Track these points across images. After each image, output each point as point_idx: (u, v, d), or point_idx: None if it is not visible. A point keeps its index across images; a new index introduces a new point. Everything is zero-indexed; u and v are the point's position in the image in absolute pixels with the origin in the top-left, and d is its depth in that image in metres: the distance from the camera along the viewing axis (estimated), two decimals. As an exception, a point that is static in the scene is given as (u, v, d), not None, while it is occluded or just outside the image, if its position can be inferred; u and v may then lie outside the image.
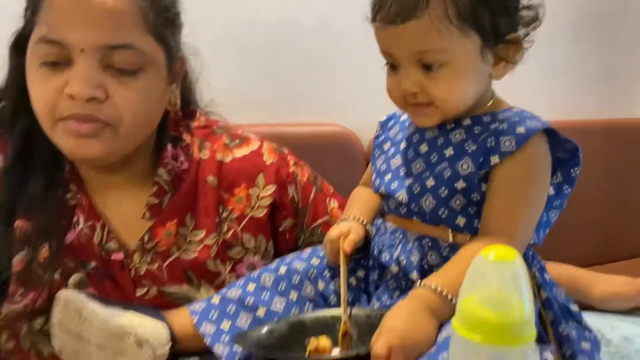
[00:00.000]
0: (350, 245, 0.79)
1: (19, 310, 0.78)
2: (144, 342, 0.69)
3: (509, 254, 0.44)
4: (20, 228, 0.80)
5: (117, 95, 0.78)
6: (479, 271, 0.44)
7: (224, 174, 0.92)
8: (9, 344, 0.80)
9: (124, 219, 0.86)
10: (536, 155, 0.73)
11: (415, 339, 0.63)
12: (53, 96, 0.77)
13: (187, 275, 0.87)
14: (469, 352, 0.44)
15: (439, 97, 0.74)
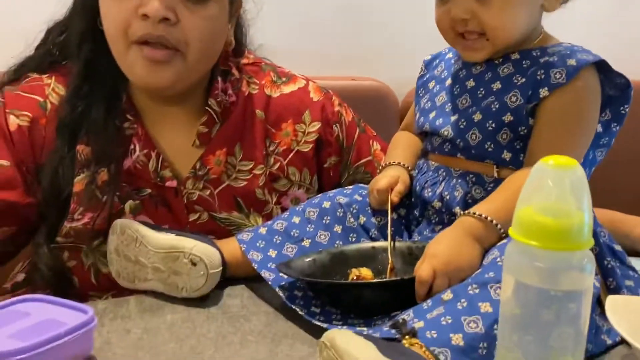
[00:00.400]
0: (397, 197, 0.81)
1: (79, 228, 0.82)
2: (197, 261, 0.72)
3: (570, 162, 0.44)
4: (81, 152, 0.84)
5: (186, 21, 0.79)
6: (538, 179, 0.45)
7: (271, 108, 0.94)
8: (70, 262, 0.84)
9: (177, 148, 0.89)
10: (586, 88, 0.73)
11: (459, 264, 0.64)
12: (127, 16, 0.78)
13: (237, 202, 0.89)
14: (525, 257, 0.45)
15: (491, 24, 0.73)
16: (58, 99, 0.85)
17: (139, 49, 0.79)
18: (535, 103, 0.73)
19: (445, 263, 0.64)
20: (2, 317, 0.59)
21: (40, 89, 0.86)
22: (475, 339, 0.55)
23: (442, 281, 0.64)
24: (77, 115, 0.83)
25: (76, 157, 0.83)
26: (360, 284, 0.71)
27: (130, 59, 0.81)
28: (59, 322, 0.57)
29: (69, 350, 0.56)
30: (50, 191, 0.82)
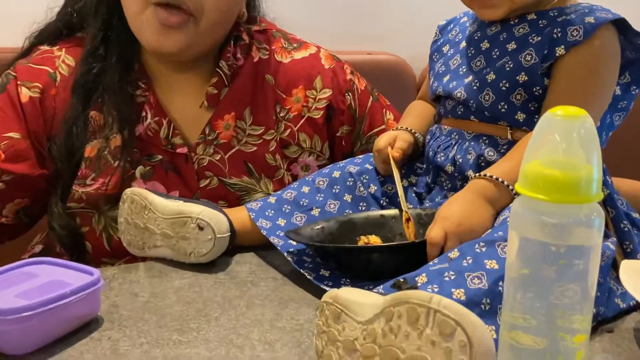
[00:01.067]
0: (398, 152, 0.80)
1: (91, 193, 0.83)
2: (204, 226, 0.71)
3: (579, 112, 0.42)
4: (93, 118, 0.84)
5: None
6: (545, 130, 0.43)
7: (282, 74, 0.93)
8: (84, 228, 0.85)
9: (188, 115, 0.89)
10: (604, 47, 0.70)
11: (471, 225, 0.63)
12: None
13: (247, 166, 0.89)
14: (531, 212, 0.43)
15: None
16: (68, 70, 0.86)
17: (155, 10, 0.79)
18: (550, 62, 0.71)
19: (457, 225, 0.63)
20: (11, 278, 0.59)
21: (50, 60, 0.87)
22: (478, 294, 0.54)
23: (453, 243, 0.62)
24: (92, 76, 0.84)
25: (89, 122, 0.83)
26: (369, 248, 0.71)
27: (143, 21, 0.81)
28: (65, 283, 0.58)
29: (74, 310, 0.57)
30: (65, 150, 0.83)
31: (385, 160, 0.81)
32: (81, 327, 0.58)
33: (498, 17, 0.76)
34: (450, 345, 0.43)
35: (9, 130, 0.83)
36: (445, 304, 0.43)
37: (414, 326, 0.45)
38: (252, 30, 0.94)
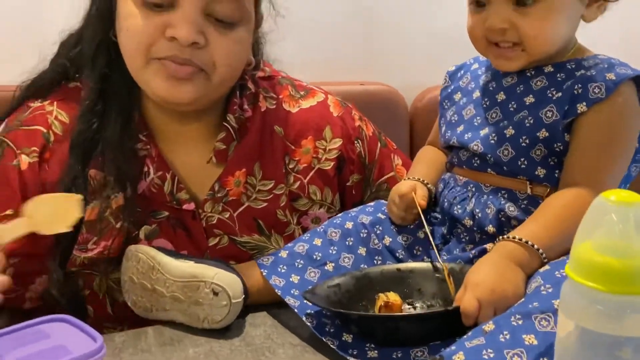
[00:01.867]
0: (424, 199, 0.78)
1: (93, 257, 0.79)
2: (219, 291, 0.68)
3: (634, 197, 0.41)
4: (93, 178, 0.80)
5: (215, 44, 0.76)
6: (599, 215, 0.42)
7: (290, 124, 0.90)
8: (86, 291, 0.81)
9: (193, 169, 0.85)
10: (626, 104, 0.69)
11: (504, 291, 0.61)
12: (152, 35, 0.75)
13: (257, 223, 0.85)
14: (586, 301, 0.41)
15: (530, 34, 0.70)
16: (61, 127, 0.81)
17: (161, 63, 0.76)
18: (572, 118, 0.70)
19: (490, 292, 0.61)
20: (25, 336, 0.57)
21: (42, 118, 0.82)
22: (522, 374, 0.52)
23: (488, 312, 0.60)
24: (91, 134, 0.79)
25: (88, 182, 0.79)
26: (397, 317, 0.68)
27: (149, 73, 0.77)
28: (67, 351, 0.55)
29: None
30: None
31: (410, 205, 0.78)
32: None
33: (514, 69, 0.75)
34: None
35: (8, 205, 0.77)
36: None
37: None
38: (257, 78, 0.91)
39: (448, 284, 0.70)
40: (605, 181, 0.69)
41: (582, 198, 0.65)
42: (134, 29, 0.76)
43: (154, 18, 0.75)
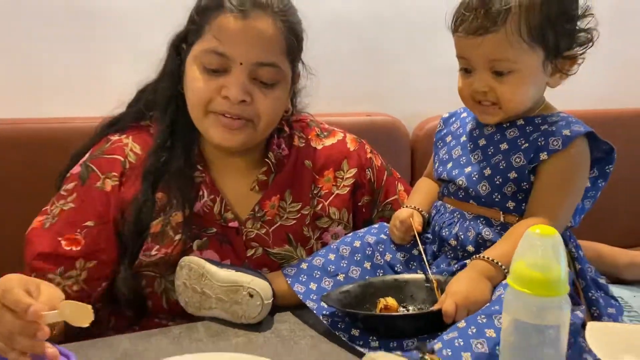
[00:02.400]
0: (420, 224, 0.97)
1: (156, 260, 0.98)
2: (254, 294, 0.88)
3: (551, 231, 0.59)
4: (160, 199, 1.00)
5: (259, 101, 0.98)
6: (528, 243, 0.60)
7: (316, 158, 1.11)
8: (147, 289, 1.00)
9: (238, 194, 1.05)
10: (578, 154, 0.88)
11: (475, 297, 0.79)
12: (210, 94, 0.96)
13: (287, 237, 1.06)
14: (520, 301, 0.60)
15: (505, 98, 0.89)
16: (135, 157, 1.02)
17: (216, 117, 0.97)
18: (536, 164, 0.88)
19: (464, 298, 0.79)
20: None
21: (120, 149, 1.02)
22: (481, 357, 0.70)
23: (463, 313, 0.78)
24: (160, 165, 1.00)
25: (155, 202, 0.99)
26: (394, 316, 0.86)
27: (207, 123, 0.98)
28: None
29: None
30: (134, 229, 0.97)
31: (408, 229, 0.97)
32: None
33: (493, 122, 0.93)
34: None
35: (87, 219, 0.97)
36: None
37: None
38: (290, 121, 1.12)
39: (436, 293, 0.89)
40: (560, 214, 0.87)
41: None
42: (197, 89, 0.97)
43: (212, 81, 0.96)
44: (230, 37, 0.95)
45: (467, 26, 0.87)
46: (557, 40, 0.87)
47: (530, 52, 0.86)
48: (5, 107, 1.34)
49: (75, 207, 0.98)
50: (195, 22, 1.00)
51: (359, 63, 1.70)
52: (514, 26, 0.85)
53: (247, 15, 0.95)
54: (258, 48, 0.97)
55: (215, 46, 0.96)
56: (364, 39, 1.69)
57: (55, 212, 0.98)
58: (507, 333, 0.63)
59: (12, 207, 1.26)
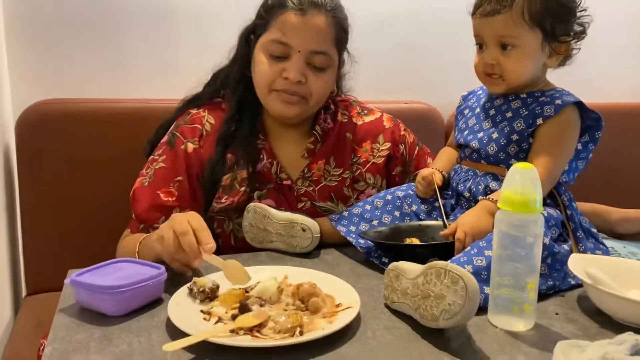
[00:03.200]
0: (440, 180, 1.19)
1: (225, 206, 1.23)
2: (306, 228, 1.11)
3: (530, 166, 0.81)
4: (229, 159, 1.25)
5: (312, 82, 1.22)
6: (512, 175, 0.81)
7: (356, 132, 1.34)
8: (218, 230, 1.25)
9: (290, 159, 1.29)
10: (568, 119, 1.08)
11: (480, 229, 1.00)
12: (273, 76, 1.21)
13: (330, 195, 1.29)
14: (505, 217, 0.81)
15: (508, 69, 1.09)
16: (210, 127, 1.27)
17: (278, 94, 1.21)
18: (534, 128, 1.08)
19: (471, 227, 1.00)
20: (107, 269, 0.91)
21: (199, 120, 1.28)
22: (480, 269, 0.91)
23: (470, 240, 0.99)
24: (231, 133, 1.25)
25: (226, 162, 1.24)
26: (415, 245, 1.08)
27: (271, 99, 1.23)
28: (142, 274, 0.89)
29: (147, 291, 0.88)
30: (210, 181, 1.23)
31: (430, 184, 1.19)
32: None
33: (499, 92, 1.14)
34: (457, 287, 0.79)
35: (178, 175, 1.22)
36: (453, 267, 0.80)
37: (439, 279, 0.81)
38: (336, 100, 1.36)
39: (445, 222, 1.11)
40: (552, 167, 1.06)
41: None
42: (263, 71, 1.22)
43: (275, 66, 1.21)
44: (292, 30, 1.19)
45: (482, 9, 1.09)
46: (554, 26, 1.07)
47: (530, 32, 1.06)
48: (99, 88, 1.63)
49: (166, 167, 1.23)
50: (262, 17, 1.24)
51: (399, 56, 1.91)
52: (518, 9, 1.05)
53: (305, 12, 1.19)
54: (313, 39, 1.20)
55: (279, 37, 1.20)
56: (403, 35, 1.90)
57: (151, 173, 1.23)
58: (496, 245, 0.84)
59: (111, 171, 1.52)
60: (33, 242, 1.53)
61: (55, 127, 1.51)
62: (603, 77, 2.12)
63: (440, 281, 0.80)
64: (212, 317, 0.84)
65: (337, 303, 0.88)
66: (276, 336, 0.78)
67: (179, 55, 1.69)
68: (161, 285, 0.91)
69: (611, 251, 1.15)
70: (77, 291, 0.87)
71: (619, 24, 2.09)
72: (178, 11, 1.67)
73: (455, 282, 0.78)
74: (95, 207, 1.54)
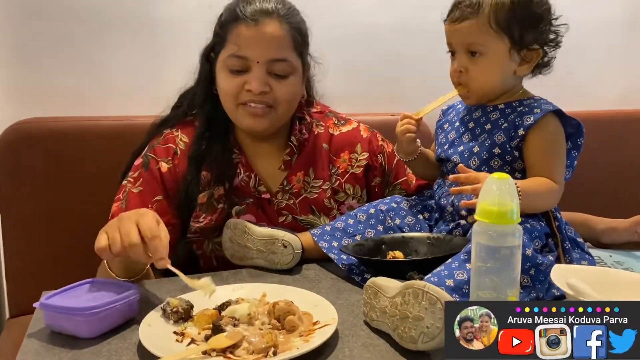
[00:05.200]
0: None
1: (203, 225, 1.21)
2: (287, 245, 1.09)
3: (506, 176, 0.79)
4: (204, 177, 1.23)
5: (276, 89, 1.21)
6: (488, 186, 0.80)
7: (333, 143, 1.33)
8: (198, 251, 1.23)
9: (268, 172, 1.28)
10: (550, 126, 1.07)
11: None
12: (237, 89, 1.20)
13: (311, 208, 1.27)
14: (483, 229, 0.79)
15: (474, 76, 1.08)
16: (184, 145, 1.26)
17: (245, 107, 1.20)
18: (517, 140, 1.07)
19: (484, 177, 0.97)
20: (77, 291, 0.90)
21: (172, 140, 1.27)
22: (461, 283, 0.90)
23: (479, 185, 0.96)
24: (202, 151, 1.23)
25: (200, 180, 1.22)
26: (398, 262, 1.07)
27: (239, 114, 1.22)
28: (113, 294, 0.87)
29: (121, 311, 0.86)
30: (185, 201, 1.21)
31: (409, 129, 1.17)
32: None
33: (471, 103, 1.13)
34: (434, 309, 0.77)
35: (155, 195, 1.21)
36: (430, 288, 0.78)
37: (416, 300, 0.79)
38: (311, 112, 1.35)
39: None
40: (554, 171, 1.05)
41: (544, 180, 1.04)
42: (226, 87, 1.21)
43: (237, 80, 1.19)
44: (246, 42, 1.18)
45: (452, 16, 1.09)
46: (522, 34, 1.06)
47: (497, 39, 1.06)
48: (81, 106, 1.61)
49: (142, 190, 1.21)
50: (219, 35, 1.23)
51: (383, 69, 1.90)
52: (485, 16, 1.05)
53: (257, 22, 1.18)
54: (270, 47, 1.19)
55: (235, 51, 1.19)
56: (388, 47, 1.89)
57: (128, 196, 1.21)
58: (475, 258, 0.82)
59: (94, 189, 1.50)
60: (15, 263, 1.51)
61: (36, 146, 1.49)
62: (591, 84, 2.12)
63: (418, 302, 0.79)
64: (185, 338, 0.82)
65: (315, 321, 0.86)
66: (249, 357, 0.75)
67: (161, 71, 1.68)
68: (135, 305, 0.89)
69: (597, 261, 1.14)
70: (47, 314, 0.85)
71: (604, 31, 2.09)
72: (160, 28, 1.67)
73: (432, 303, 0.77)
74: (79, 226, 1.51)
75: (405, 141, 1.19)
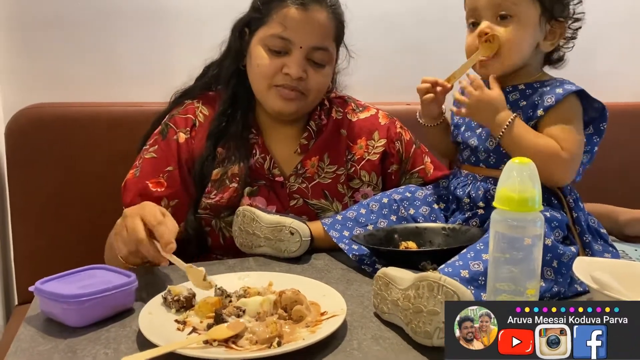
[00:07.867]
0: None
1: (214, 202, 1.18)
2: (294, 232, 1.05)
3: (527, 161, 0.74)
4: (220, 152, 1.20)
5: (311, 77, 1.19)
6: (508, 171, 0.74)
7: (351, 129, 1.29)
8: (207, 227, 1.19)
9: (284, 155, 1.25)
10: (570, 108, 1.01)
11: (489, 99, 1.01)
12: (274, 71, 1.17)
13: (324, 193, 1.24)
14: (502, 217, 0.74)
15: (504, 37, 1.02)
16: (204, 117, 1.24)
17: (277, 89, 1.17)
18: (535, 120, 1.02)
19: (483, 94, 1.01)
20: (77, 277, 0.86)
21: (192, 110, 1.25)
22: (477, 274, 0.85)
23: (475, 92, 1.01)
24: (222, 128, 1.21)
25: (216, 156, 1.19)
26: (411, 252, 1.02)
27: (270, 95, 1.19)
28: (110, 281, 0.83)
29: (113, 300, 0.81)
30: (199, 175, 1.18)
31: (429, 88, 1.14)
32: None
33: (491, 72, 1.05)
34: None
35: (168, 165, 1.18)
36: (447, 281, 0.74)
37: (431, 293, 0.75)
38: (331, 97, 1.32)
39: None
40: (564, 135, 0.99)
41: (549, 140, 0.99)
42: (263, 66, 1.18)
43: (275, 61, 1.17)
44: (294, 25, 1.15)
45: None
46: (553, 4, 1.02)
47: (529, 3, 1.01)
48: (91, 92, 1.59)
49: (157, 157, 1.20)
50: (259, 11, 1.20)
51: (402, 58, 1.87)
52: None
53: (307, 7, 1.15)
54: (316, 35, 1.17)
55: (280, 32, 1.16)
56: (407, 35, 1.86)
57: (142, 163, 1.20)
58: (493, 248, 0.77)
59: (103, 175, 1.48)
60: (24, 249, 1.49)
61: (45, 131, 1.47)
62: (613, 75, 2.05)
63: (434, 296, 0.74)
64: (186, 327, 0.78)
65: (323, 311, 0.82)
66: (252, 347, 0.72)
67: (172, 57, 1.65)
68: (131, 295, 0.85)
69: (621, 254, 1.08)
70: (41, 300, 0.82)
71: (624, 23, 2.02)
72: (171, 14, 1.64)
73: (449, 297, 0.72)
74: (88, 211, 1.50)
75: (425, 102, 1.14)
